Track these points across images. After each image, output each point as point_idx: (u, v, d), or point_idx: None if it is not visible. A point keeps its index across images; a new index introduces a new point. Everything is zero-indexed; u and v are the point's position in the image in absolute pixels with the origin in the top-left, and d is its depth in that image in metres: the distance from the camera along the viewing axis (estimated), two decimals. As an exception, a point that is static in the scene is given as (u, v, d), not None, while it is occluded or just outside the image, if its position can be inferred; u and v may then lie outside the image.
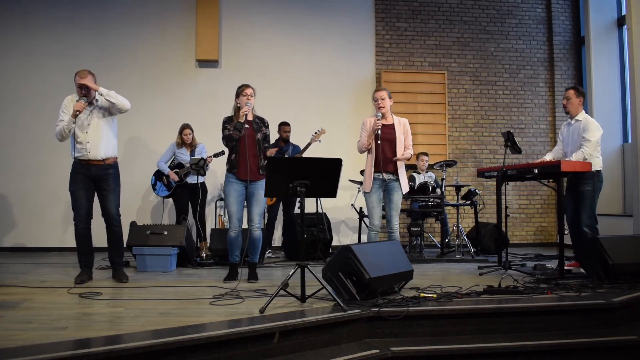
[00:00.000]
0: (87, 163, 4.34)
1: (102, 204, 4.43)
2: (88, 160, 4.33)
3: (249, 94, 4.50)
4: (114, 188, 4.43)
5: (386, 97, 4.56)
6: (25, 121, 7.21)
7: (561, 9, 8.33)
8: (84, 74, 4.34)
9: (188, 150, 6.36)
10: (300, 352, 2.94)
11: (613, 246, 4.17)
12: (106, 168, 4.39)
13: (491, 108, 8.19)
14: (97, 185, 4.39)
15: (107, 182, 4.39)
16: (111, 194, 4.41)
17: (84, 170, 4.34)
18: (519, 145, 5.18)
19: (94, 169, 4.35)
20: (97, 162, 4.34)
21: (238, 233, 4.49)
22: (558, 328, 3.43)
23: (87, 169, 4.34)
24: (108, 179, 4.40)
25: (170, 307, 3.43)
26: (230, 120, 4.51)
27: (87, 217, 4.37)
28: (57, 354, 2.28)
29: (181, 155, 6.36)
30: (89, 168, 4.34)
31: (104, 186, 4.39)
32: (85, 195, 4.34)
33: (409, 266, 3.90)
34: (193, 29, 7.53)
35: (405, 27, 8.06)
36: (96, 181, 4.38)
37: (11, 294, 3.80)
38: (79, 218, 4.33)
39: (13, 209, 7.17)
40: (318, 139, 6.30)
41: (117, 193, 4.48)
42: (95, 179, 4.37)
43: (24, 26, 7.33)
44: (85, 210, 4.35)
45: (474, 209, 6.58)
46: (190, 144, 6.37)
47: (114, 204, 4.43)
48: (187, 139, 6.34)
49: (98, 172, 4.36)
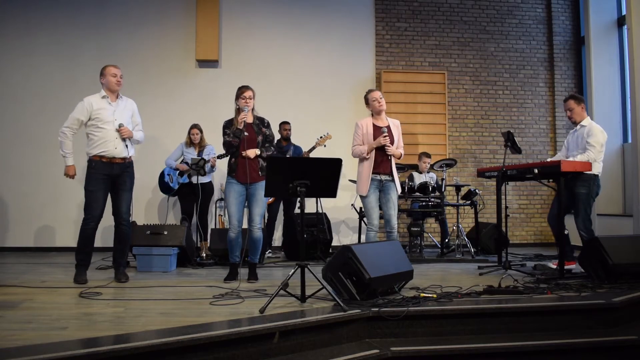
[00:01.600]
0: (110, 161, 4.32)
1: (116, 202, 4.41)
2: (112, 157, 4.32)
3: (248, 97, 4.45)
4: (129, 187, 4.44)
5: (383, 96, 4.59)
6: (25, 121, 7.21)
7: (561, 9, 8.34)
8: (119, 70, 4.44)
9: (196, 150, 6.34)
10: (300, 352, 2.94)
11: (613, 246, 4.17)
12: (127, 166, 4.41)
13: (491, 108, 8.19)
14: (115, 184, 4.38)
15: (125, 180, 4.40)
16: (126, 192, 4.42)
17: (106, 169, 4.31)
18: (519, 145, 5.19)
19: (116, 167, 4.34)
20: (120, 160, 4.35)
21: (238, 233, 4.48)
22: (558, 328, 3.43)
23: (109, 168, 4.32)
24: (126, 177, 4.41)
25: (171, 307, 3.43)
26: (230, 124, 4.48)
27: (99, 217, 4.35)
28: (57, 354, 2.28)
29: (188, 154, 6.33)
30: (112, 166, 4.33)
31: (121, 185, 4.39)
32: (102, 196, 4.33)
33: (409, 266, 3.90)
34: (193, 29, 7.53)
35: (405, 27, 8.06)
36: (114, 179, 4.37)
37: (11, 294, 3.79)
38: (92, 218, 4.29)
39: (13, 209, 7.17)
40: (323, 143, 6.28)
41: (131, 192, 4.48)
42: (114, 177, 4.36)
43: (24, 26, 7.33)
44: (100, 210, 4.33)
45: (474, 209, 6.57)
46: (199, 144, 6.35)
47: (126, 203, 4.43)
48: (194, 138, 6.33)
49: (119, 170, 4.36)
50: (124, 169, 4.39)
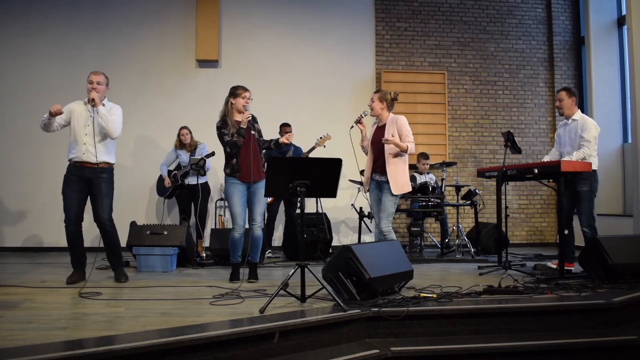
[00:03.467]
0: (81, 165, 4.33)
1: (94, 208, 4.39)
2: (82, 162, 4.32)
3: (248, 97, 4.50)
4: (106, 193, 4.37)
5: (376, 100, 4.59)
6: (25, 121, 7.19)
7: (561, 9, 8.34)
8: (97, 77, 4.37)
9: (188, 151, 6.35)
10: (300, 352, 2.94)
11: (613, 246, 4.17)
12: (100, 172, 4.35)
13: (491, 108, 8.19)
14: (90, 189, 4.37)
15: (99, 186, 4.34)
16: (103, 198, 4.35)
17: (77, 172, 4.33)
18: (519, 145, 5.18)
19: (87, 171, 4.33)
20: (90, 165, 4.32)
21: (242, 234, 4.48)
22: (558, 328, 3.43)
23: (80, 171, 4.33)
24: (100, 183, 4.35)
25: (170, 307, 3.43)
26: (225, 125, 4.47)
27: (76, 219, 4.33)
28: (57, 354, 2.28)
29: (181, 156, 6.36)
30: (82, 170, 4.33)
31: (95, 190, 4.35)
32: (75, 198, 4.31)
33: (409, 266, 3.90)
34: (193, 29, 7.53)
35: (405, 27, 8.06)
36: (89, 184, 4.35)
37: (11, 294, 3.80)
38: (69, 220, 4.32)
39: (13, 209, 7.18)
40: (323, 144, 6.30)
41: (110, 198, 4.41)
42: (88, 181, 4.34)
43: (24, 26, 7.33)
44: (75, 213, 4.31)
45: (474, 209, 6.57)
46: (189, 144, 6.36)
47: (105, 209, 4.36)
48: (184, 139, 6.34)
49: (90, 174, 4.33)
50: (95, 174, 4.33)
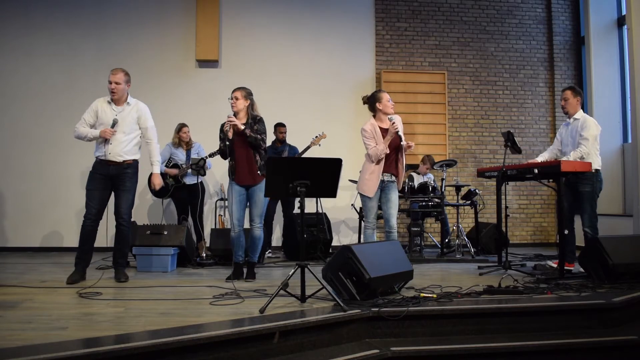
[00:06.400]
0: (107, 163, 4.41)
1: (116, 202, 4.48)
2: (107, 160, 4.40)
3: (234, 97, 4.51)
4: (129, 188, 4.48)
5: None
6: (25, 121, 7.21)
7: (561, 9, 8.34)
8: (114, 76, 4.42)
9: (184, 149, 6.33)
10: (300, 352, 2.94)
11: (613, 246, 4.16)
12: (125, 168, 4.45)
13: (491, 108, 8.19)
14: (115, 184, 4.45)
15: (123, 181, 4.44)
16: (126, 193, 4.46)
17: (103, 170, 4.41)
18: (519, 145, 5.18)
19: (112, 168, 4.42)
20: (115, 163, 4.41)
21: (239, 233, 4.51)
22: (558, 328, 3.43)
23: (105, 168, 4.41)
24: (124, 178, 4.45)
25: (170, 307, 3.43)
26: (222, 128, 4.51)
27: (97, 215, 4.40)
28: (57, 354, 2.28)
29: (177, 155, 6.29)
30: (108, 167, 4.41)
31: (119, 185, 4.44)
32: (99, 196, 4.41)
33: (409, 266, 3.90)
34: (193, 29, 7.53)
35: (405, 27, 8.06)
36: (114, 180, 4.44)
37: (11, 294, 3.79)
38: (89, 215, 4.38)
39: (13, 209, 7.17)
40: (318, 143, 6.29)
41: (131, 193, 4.51)
42: (113, 178, 4.43)
43: (24, 26, 7.33)
44: (97, 209, 4.39)
45: (474, 209, 6.57)
46: (187, 143, 6.35)
47: (126, 203, 4.47)
48: (185, 137, 6.32)
49: (116, 171, 4.42)
50: (121, 170, 4.43)
